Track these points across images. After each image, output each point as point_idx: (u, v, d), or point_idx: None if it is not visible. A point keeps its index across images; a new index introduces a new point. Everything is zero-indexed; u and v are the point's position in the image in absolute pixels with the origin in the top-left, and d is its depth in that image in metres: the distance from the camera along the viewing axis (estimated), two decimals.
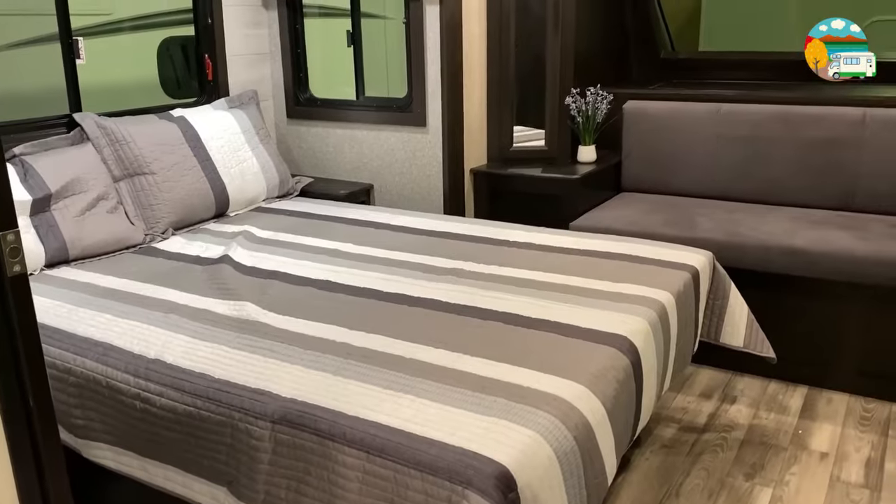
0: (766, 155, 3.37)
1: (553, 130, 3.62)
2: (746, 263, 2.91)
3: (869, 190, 3.19)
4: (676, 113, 3.57)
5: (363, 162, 3.66)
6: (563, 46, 3.50)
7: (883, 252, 2.74)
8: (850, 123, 3.19)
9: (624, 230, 3.11)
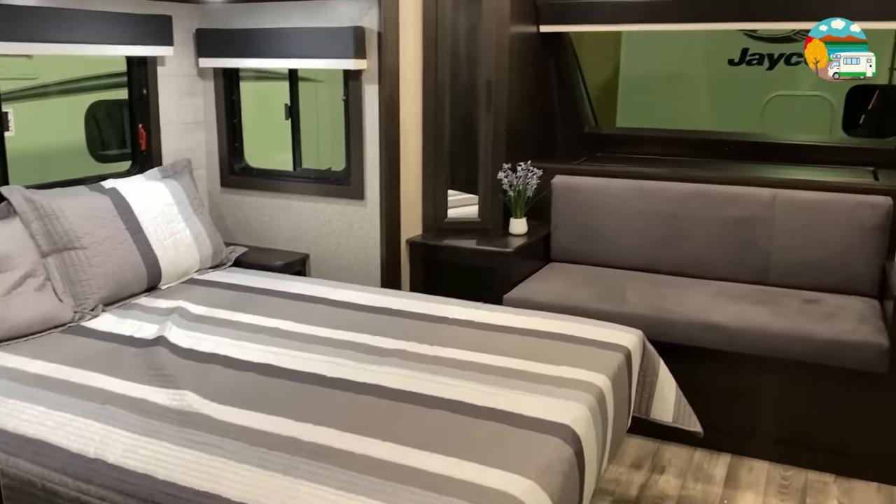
0: (687, 231, 3.57)
1: (486, 203, 3.73)
2: (672, 338, 3.05)
3: (781, 266, 3.41)
4: (602, 188, 3.74)
5: (299, 232, 3.67)
6: (496, 125, 3.64)
7: (795, 329, 2.93)
8: (761, 203, 3.43)
9: (557, 304, 3.21)
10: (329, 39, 3.27)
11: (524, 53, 3.82)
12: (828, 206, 3.31)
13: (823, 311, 3.07)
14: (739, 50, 6.36)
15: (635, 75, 6.03)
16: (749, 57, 6.39)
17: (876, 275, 3.25)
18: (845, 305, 3.14)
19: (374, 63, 3.30)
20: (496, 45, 3.56)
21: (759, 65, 6.43)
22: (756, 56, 6.38)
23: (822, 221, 3.31)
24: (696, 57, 6.40)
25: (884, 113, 6.02)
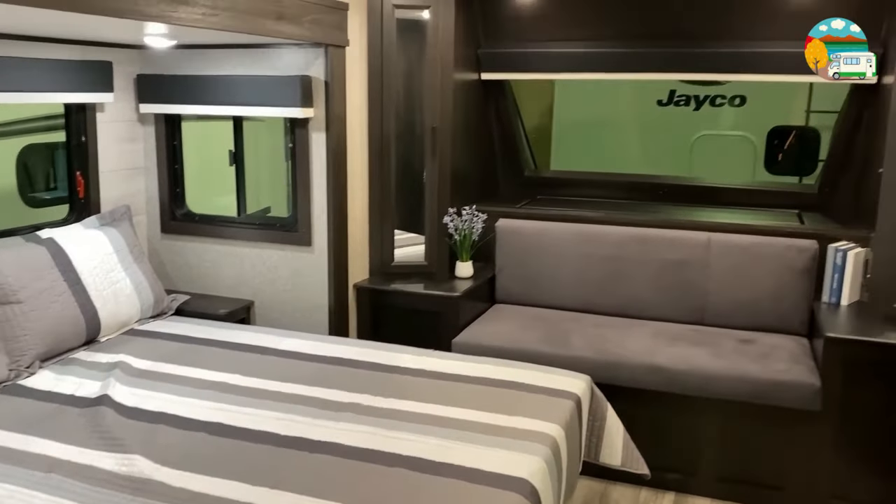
0: (627, 273, 3.68)
1: (433, 247, 3.76)
2: (617, 381, 3.12)
3: (716, 307, 3.55)
4: (545, 232, 3.83)
5: (243, 278, 3.62)
6: (441, 170, 3.69)
7: (733, 370, 3.05)
8: (697, 246, 3.57)
9: (505, 348, 3.26)
10: (276, 88, 3.27)
11: (467, 100, 3.91)
12: (759, 249, 3.47)
13: (759, 351, 3.21)
14: (667, 92, 6.62)
15: (568, 119, 6.21)
16: (677, 98, 6.66)
17: (805, 315, 3.42)
18: (778, 345, 3.28)
19: (321, 111, 3.31)
20: (440, 92, 3.62)
21: (686, 106, 6.71)
22: (683, 97, 6.65)
23: (754, 264, 3.47)
24: (626, 99, 6.64)
25: (801, 153, 6.37)
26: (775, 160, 6.36)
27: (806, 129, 6.39)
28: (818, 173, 4.12)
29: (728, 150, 6.64)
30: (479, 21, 3.97)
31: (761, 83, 6.16)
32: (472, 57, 3.97)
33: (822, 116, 6.38)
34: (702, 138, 6.72)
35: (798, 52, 3.51)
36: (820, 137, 6.43)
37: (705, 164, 6.46)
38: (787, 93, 6.28)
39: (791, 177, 6.12)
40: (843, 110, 3.84)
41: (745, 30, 3.64)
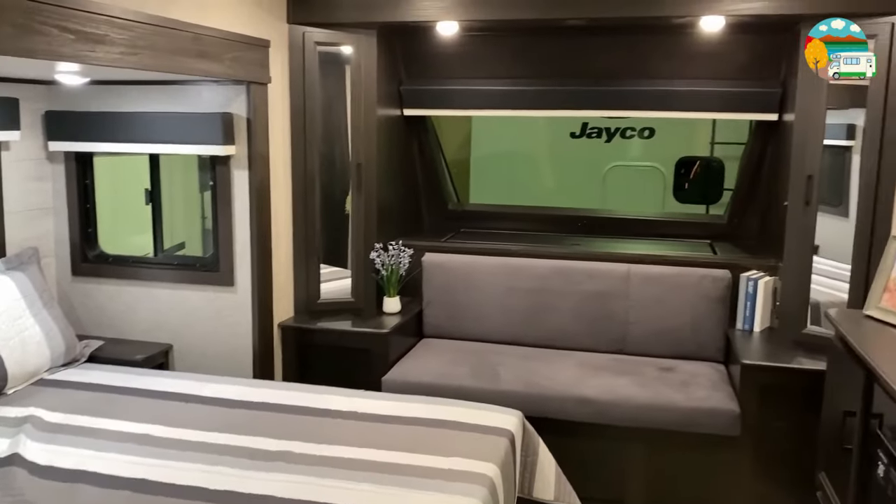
0: (551, 305, 3.74)
1: (359, 283, 3.73)
2: (546, 413, 3.15)
3: (637, 336, 3.65)
4: (470, 265, 3.86)
5: (161, 321, 3.48)
6: (366, 206, 3.67)
7: (657, 399, 3.14)
8: (617, 278, 3.67)
9: (435, 385, 3.25)
10: (196, 125, 3.19)
11: (390, 136, 3.91)
12: (676, 279, 3.60)
13: (679, 379, 3.31)
14: (580, 124, 6.83)
15: (485, 153, 6.32)
16: (589, 130, 6.86)
17: (721, 342, 3.56)
18: (697, 372, 3.40)
19: (243, 149, 3.25)
20: (364, 128, 3.62)
21: (598, 138, 6.92)
22: (595, 129, 6.87)
23: (671, 294, 3.60)
24: (540, 132, 6.80)
25: (707, 182, 6.68)
26: (683, 189, 6.65)
27: (711, 159, 6.71)
28: (727, 204, 4.31)
29: (639, 181, 6.89)
30: (401, 58, 4.00)
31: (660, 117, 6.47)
32: (395, 93, 3.99)
33: (725, 147, 6.73)
34: (614, 169, 6.95)
35: (703, 91, 3.74)
36: (724, 167, 6.78)
37: (618, 194, 6.68)
38: (693, 125, 6.59)
39: (698, 205, 6.42)
40: (749, 144, 4.06)
41: (652, 69, 3.80)
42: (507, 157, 6.56)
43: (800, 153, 3.16)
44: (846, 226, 3.49)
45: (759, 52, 3.62)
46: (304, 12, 3.46)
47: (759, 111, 3.71)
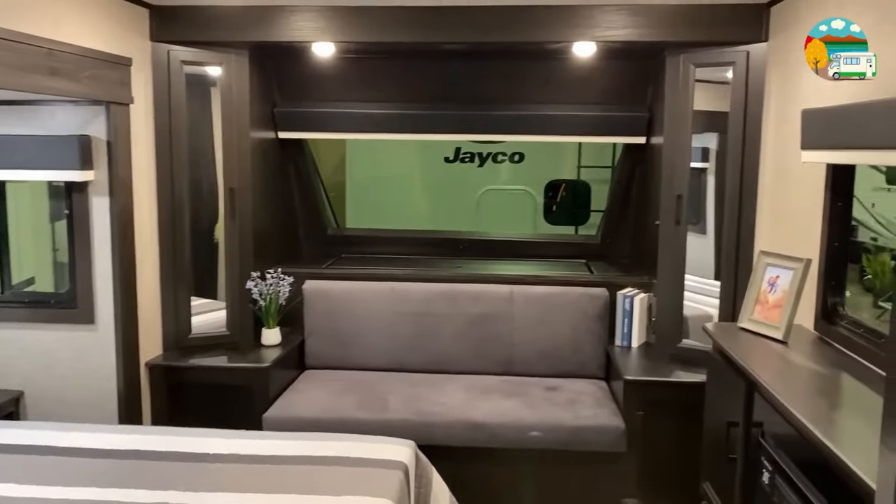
0: (436, 329, 3.70)
1: (235, 314, 3.53)
2: (436, 440, 3.08)
3: (522, 357, 3.67)
4: (353, 292, 3.75)
5: (10, 366, 3.12)
6: (241, 232, 3.49)
7: (545, 419, 3.15)
8: (501, 299, 3.69)
9: (321, 419, 3.11)
10: (48, 148, 2.90)
11: (265, 159, 3.76)
12: (557, 299, 3.66)
13: (566, 398, 3.35)
14: (453, 149, 6.90)
15: (360, 177, 6.25)
16: (462, 155, 6.94)
17: (602, 359, 3.64)
18: (582, 390, 3.45)
19: (103, 174, 2.99)
20: (237, 151, 3.45)
21: (471, 162, 7.01)
22: (468, 154, 6.96)
23: (553, 313, 3.65)
24: (415, 155, 6.81)
25: (575, 204, 6.94)
26: (552, 212, 6.87)
27: (577, 182, 6.98)
28: (600, 224, 4.45)
29: (511, 204, 7.04)
30: (275, 79, 3.86)
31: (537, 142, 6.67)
32: (269, 115, 3.84)
33: (591, 171, 7.01)
34: (487, 193, 7.07)
35: (575, 115, 3.85)
36: (590, 190, 7.07)
37: (491, 218, 6.79)
38: (560, 150, 6.83)
39: (567, 226, 6.63)
40: (618, 166, 4.21)
41: (527, 94, 3.88)
42: (382, 182, 6.52)
43: (669, 174, 3.31)
44: (705, 242, 3.69)
45: (628, 78, 3.78)
46: (168, 30, 3.26)
47: (628, 135, 3.87)
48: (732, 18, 3.10)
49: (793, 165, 2.72)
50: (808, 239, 2.54)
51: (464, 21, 3.24)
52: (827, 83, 2.49)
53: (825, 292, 2.47)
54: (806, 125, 2.43)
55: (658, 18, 3.14)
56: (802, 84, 2.71)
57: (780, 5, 2.98)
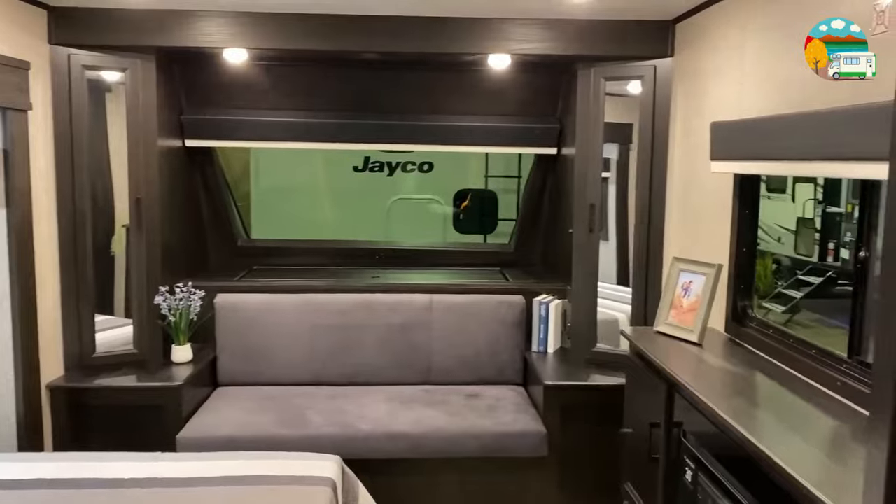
0: (356, 340, 3.65)
1: (143, 331, 3.37)
2: (359, 453, 3.04)
3: (441, 365, 3.68)
4: (268, 305, 3.65)
5: None
6: (149, 245, 3.35)
7: (468, 428, 3.17)
8: (420, 308, 3.68)
9: (240, 437, 3.02)
10: None
11: (172, 168, 3.61)
12: (475, 307, 3.69)
13: (486, 405, 3.38)
14: (362, 158, 6.87)
15: (267, 186, 6.12)
16: (371, 164, 6.93)
17: (519, 364, 3.70)
18: (501, 396, 3.50)
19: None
20: (144, 160, 3.31)
21: (380, 172, 7.01)
22: (377, 164, 6.94)
23: (472, 321, 3.68)
24: (322, 165, 6.74)
25: (483, 213, 7.05)
26: (461, 221, 6.95)
27: (485, 191, 7.09)
28: (512, 233, 4.52)
29: (421, 213, 7.07)
30: (181, 85, 3.72)
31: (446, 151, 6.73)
32: (176, 123, 3.69)
33: (498, 180, 7.14)
34: (397, 202, 7.07)
35: (490, 126, 3.90)
36: (497, 199, 7.19)
37: (402, 227, 6.80)
38: (468, 160, 6.91)
39: (476, 235, 6.72)
40: (531, 176, 4.30)
41: (441, 104, 3.91)
42: (289, 192, 6.41)
43: (582, 184, 3.40)
44: (607, 248, 3.83)
45: (539, 90, 3.87)
46: (68, 32, 3.09)
47: (540, 145, 3.96)
48: (640, 34, 3.23)
49: (701, 175, 2.86)
50: (719, 245, 2.67)
51: (379, 30, 3.23)
52: (730, 96, 2.65)
53: (735, 296, 2.60)
54: (715, 137, 2.56)
55: (570, 33, 3.24)
56: (707, 97, 2.86)
57: (684, 22, 3.13)
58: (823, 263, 3.84)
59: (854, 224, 4.40)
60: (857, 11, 1.92)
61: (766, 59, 2.42)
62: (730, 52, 2.68)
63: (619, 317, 3.67)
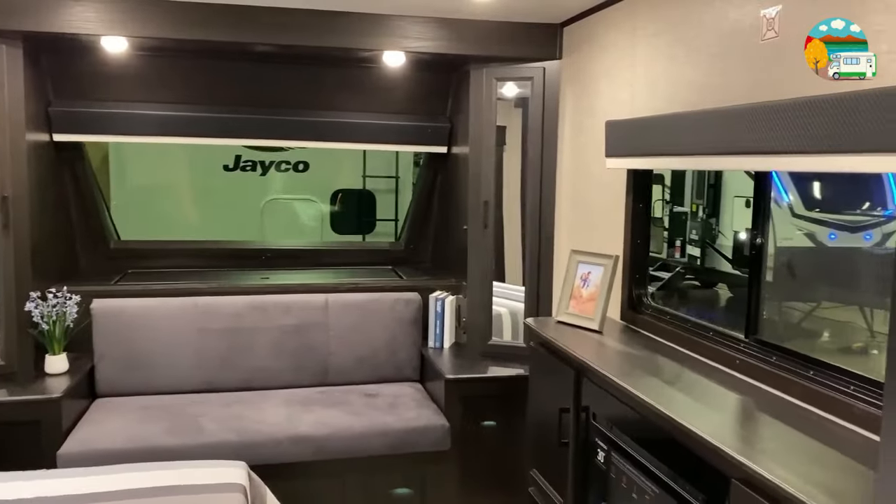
0: (248, 344, 3.52)
1: (11, 342, 3.09)
2: (260, 459, 2.93)
3: (338, 365, 3.62)
4: (151, 309, 3.46)
5: None
6: (17, 247, 3.07)
7: (372, 426, 3.15)
8: (316, 309, 3.62)
9: (128, 449, 2.84)
10: None
11: (41, 164, 3.33)
12: (372, 305, 3.68)
13: (386, 403, 3.37)
14: (233, 157, 6.64)
15: (128, 186, 5.78)
16: (243, 164, 6.72)
17: (416, 361, 3.72)
18: (400, 393, 3.50)
19: None
20: (11, 155, 3.03)
21: (253, 171, 6.81)
22: (249, 162, 6.74)
23: (369, 320, 3.66)
24: (192, 163, 6.46)
25: (361, 213, 7.02)
26: (339, 221, 6.90)
27: (363, 192, 7.07)
28: (401, 230, 4.53)
29: (299, 213, 6.95)
30: (48, 75, 3.44)
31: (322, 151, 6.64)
32: (43, 115, 3.41)
33: (375, 180, 7.14)
34: (271, 202, 6.89)
35: (376, 124, 3.88)
36: (375, 199, 7.18)
37: (276, 228, 6.64)
38: (345, 159, 6.86)
39: (354, 235, 6.69)
40: (421, 174, 4.33)
41: (329, 101, 3.84)
42: (151, 191, 6.10)
43: (476, 182, 3.48)
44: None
45: (430, 90, 3.91)
46: None
47: (431, 144, 3.99)
48: (530, 37, 3.35)
49: (594, 171, 3.01)
50: (614, 237, 2.82)
51: (269, 22, 3.14)
52: (623, 97, 2.81)
53: (631, 285, 2.76)
54: (610, 135, 2.70)
55: (464, 33, 3.29)
56: (599, 97, 3.01)
57: (572, 26, 3.28)
58: (672, 259, 4.15)
59: (698, 222, 4.80)
60: (743, 19, 2.11)
61: (657, 63, 2.58)
62: (620, 55, 2.83)
63: (502, 311, 3.77)
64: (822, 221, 3.60)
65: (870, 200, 3.88)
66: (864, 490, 1.42)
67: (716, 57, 2.23)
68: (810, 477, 1.45)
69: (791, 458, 1.57)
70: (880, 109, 1.48)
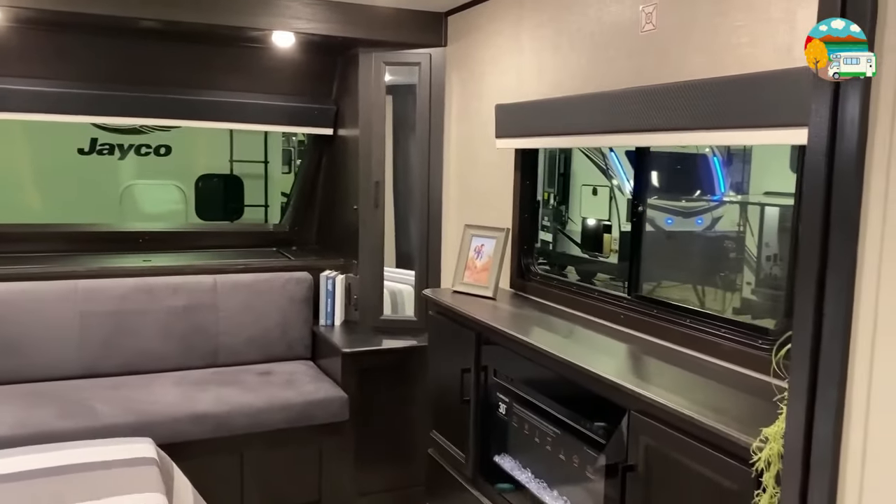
0: (134, 327, 3.44)
1: None
2: (161, 438, 2.88)
3: (229, 346, 3.61)
4: (23, 294, 3.29)
5: None
6: None
7: (273, 400, 3.20)
8: (204, 290, 3.59)
9: (18, 435, 2.72)
10: None
11: None
12: (262, 285, 3.70)
13: (283, 380, 3.42)
14: (89, 140, 6.32)
15: None
16: (100, 147, 6.41)
17: (308, 339, 3.78)
18: (294, 370, 3.56)
19: None
20: None
21: (110, 154, 6.52)
22: (107, 146, 6.45)
23: (260, 300, 3.68)
24: (41, 146, 6.08)
25: (228, 198, 6.89)
26: (205, 206, 6.74)
27: (230, 177, 6.95)
28: (285, 211, 4.55)
29: (161, 199, 6.72)
30: None
31: (185, 134, 6.46)
32: None
33: (242, 165, 7.05)
34: (132, 187, 6.63)
35: (262, 104, 3.88)
36: (243, 184, 7.08)
37: (136, 214, 6.41)
38: (210, 143, 6.71)
39: (221, 221, 6.57)
40: (307, 157, 4.37)
41: (210, 80, 3.80)
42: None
43: (367, 163, 3.60)
44: None
45: (316, 72, 3.97)
46: None
47: (317, 125, 4.06)
48: (416, 24, 3.50)
49: (480, 153, 3.22)
50: (504, 212, 3.05)
51: None
52: (510, 83, 3.04)
53: (520, 255, 3.00)
54: (499, 118, 2.92)
55: (354, 16, 3.38)
56: (486, 83, 3.22)
57: (456, 15, 3.47)
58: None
59: (550, 209, 5.18)
60: (624, 12, 2.39)
61: (543, 52, 2.82)
62: (506, 44, 3.05)
63: (395, 287, 3.93)
64: (661, 208, 4.04)
65: (700, 188, 4.39)
66: (740, 407, 1.72)
67: (599, 46, 2.50)
68: (696, 401, 1.73)
69: (678, 389, 1.85)
70: (737, 93, 1.81)
